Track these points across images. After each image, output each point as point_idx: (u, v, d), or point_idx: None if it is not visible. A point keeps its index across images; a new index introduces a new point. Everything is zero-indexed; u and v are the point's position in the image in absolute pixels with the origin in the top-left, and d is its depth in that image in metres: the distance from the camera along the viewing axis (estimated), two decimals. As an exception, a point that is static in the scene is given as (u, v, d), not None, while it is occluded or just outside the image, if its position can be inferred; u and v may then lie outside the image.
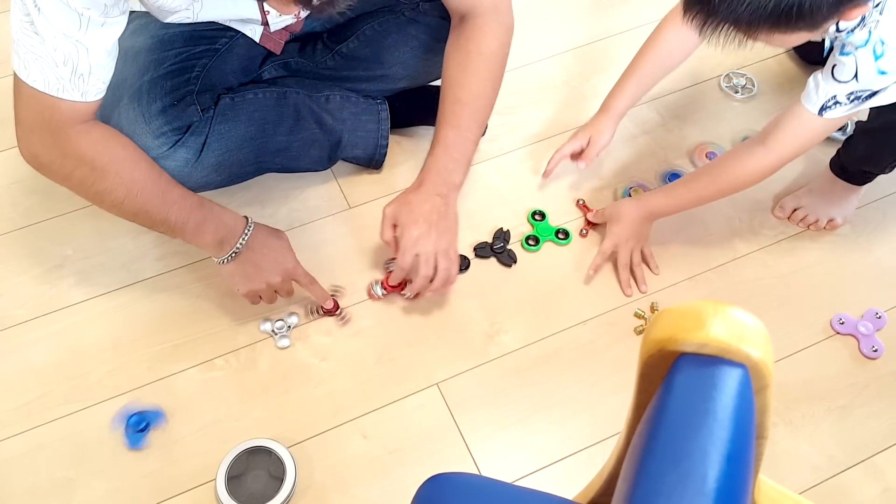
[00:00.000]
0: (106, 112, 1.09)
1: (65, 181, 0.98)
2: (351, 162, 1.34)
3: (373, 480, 1.07)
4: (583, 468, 1.09)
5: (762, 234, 1.31)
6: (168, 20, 1.03)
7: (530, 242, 1.28)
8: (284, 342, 1.16)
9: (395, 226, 1.10)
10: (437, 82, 1.34)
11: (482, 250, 1.27)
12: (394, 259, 1.24)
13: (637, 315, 1.21)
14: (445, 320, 1.21)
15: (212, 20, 1.08)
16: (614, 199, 1.34)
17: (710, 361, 0.38)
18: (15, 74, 0.90)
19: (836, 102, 1.00)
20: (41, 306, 1.19)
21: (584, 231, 1.30)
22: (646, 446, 0.36)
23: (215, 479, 1.02)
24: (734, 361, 0.38)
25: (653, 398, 0.40)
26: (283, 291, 1.13)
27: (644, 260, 1.26)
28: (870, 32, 0.93)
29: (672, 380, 0.38)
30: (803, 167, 1.37)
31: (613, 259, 1.25)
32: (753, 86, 1.49)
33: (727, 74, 1.50)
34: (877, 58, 0.94)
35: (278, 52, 1.27)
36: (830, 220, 1.30)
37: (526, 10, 1.57)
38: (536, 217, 1.30)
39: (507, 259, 1.26)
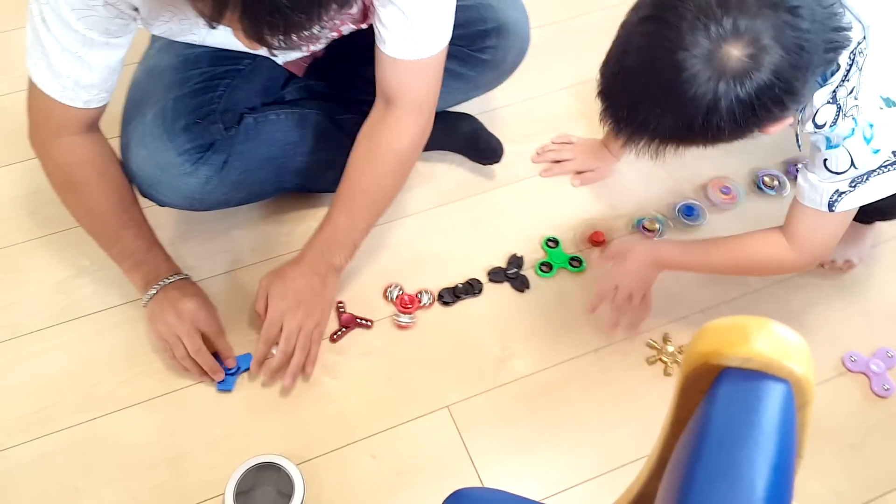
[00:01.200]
0: (130, 127, 1.11)
1: (46, 175, 1.07)
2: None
3: (380, 501, 1.07)
4: (592, 498, 1.08)
5: (774, 270, 1.32)
6: (178, 39, 1.05)
7: (544, 269, 1.29)
8: None
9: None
10: (457, 108, 1.38)
11: (496, 275, 1.27)
12: (392, 285, 1.24)
13: (650, 345, 1.22)
14: (457, 343, 1.21)
15: (221, 46, 1.09)
16: (628, 230, 1.35)
17: (754, 376, 0.39)
18: (29, 73, 0.96)
19: (841, 194, 0.97)
20: (56, 315, 1.20)
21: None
22: (693, 456, 0.36)
23: (223, 494, 1.02)
24: (777, 377, 0.39)
25: (693, 413, 0.41)
26: (185, 342, 1.09)
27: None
28: (854, 120, 0.91)
29: (717, 392, 0.39)
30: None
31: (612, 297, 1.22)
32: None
33: None
34: (868, 141, 0.92)
35: (301, 75, 1.29)
36: (847, 261, 1.30)
37: (543, 41, 1.59)
38: (550, 244, 1.31)
39: (520, 284, 1.27)
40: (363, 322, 1.21)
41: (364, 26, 1.10)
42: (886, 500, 1.10)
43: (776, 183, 1.42)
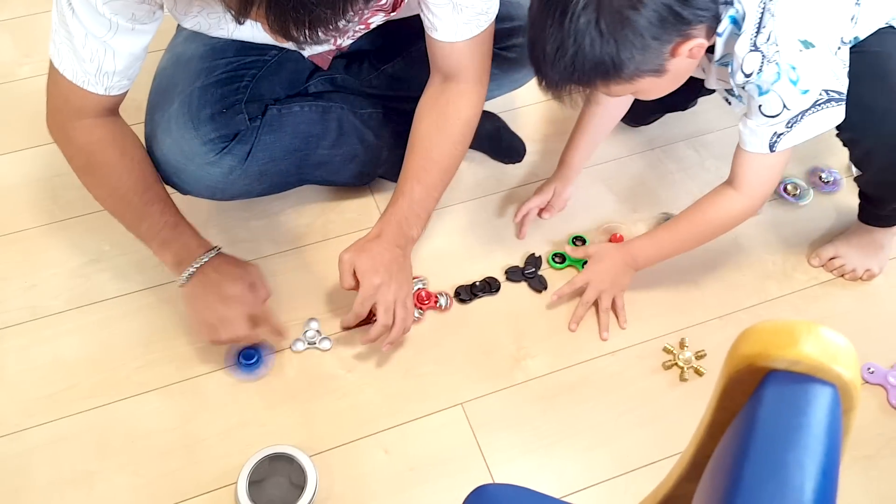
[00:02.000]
0: (156, 115, 1.11)
1: (68, 161, 1.06)
2: (388, 179, 1.35)
3: (392, 496, 1.07)
4: (605, 500, 1.08)
5: (794, 279, 1.31)
6: (208, 34, 1.05)
7: (556, 260, 1.28)
8: (326, 344, 1.18)
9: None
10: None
11: (514, 274, 1.27)
12: (417, 278, 1.24)
13: (666, 350, 1.21)
14: (473, 341, 1.21)
15: (249, 40, 1.09)
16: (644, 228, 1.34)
17: (802, 379, 0.39)
18: (50, 58, 0.97)
19: (780, 135, 1.02)
20: (75, 299, 1.20)
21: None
22: (740, 458, 0.36)
23: (236, 483, 1.02)
24: (825, 380, 0.38)
25: (735, 415, 0.41)
26: (234, 326, 1.06)
27: (614, 309, 1.23)
28: (777, 65, 0.94)
29: (764, 394, 0.39)
30: (836, 215, 1.38)
31: (582, 294, 1.23)
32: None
33: None
34: (795, 83, 0.96)
35: (325, 68, 1.29)
36: (867, 270, 1.30)
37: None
38: (577, 242, 1.31)
39: (538, 284, 1.27)
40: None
41: (394, 15, 1.10)
42: (901, 513, 1.10)
43: (798, 191, 1.41)
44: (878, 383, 1.20)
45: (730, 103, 1.18)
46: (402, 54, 1.29)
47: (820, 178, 1.44)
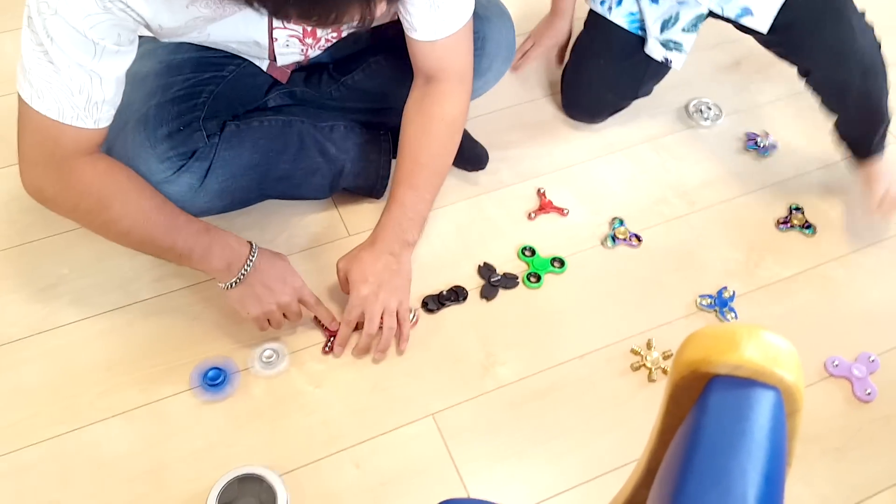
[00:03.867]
0: (111, 136, 1.09)
1: (71, 213, 0.99)
2: (352, 191, 1.34)
3: (365, 512, 1.06)
4: (578, 504, 1.08)
5: (757, 276, 1.32)
6: (176, 39, 1.04)
7: (532, 279, 1.28)
8: (273, 371, 1.16)
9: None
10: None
11: (489, 292, 1.26)
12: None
13: (634, 352, 1.22)
14: (442, 351, 1.20)
15: (222, 40, 1.09)
16: (610, 231, 1.34)
17: (744, 383, 0.39)
18: (22, 104, 0.90)
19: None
20: (34, 325, 1.18)
21: (533, 215, 1.36)
22: (684, 466, 0.36)
23: (206, 506, 1.00)
24: (767, 384, 0.38)
25: (683, 421, 0.41)
26: (291, 313, 1.12)
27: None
28: None
29: (707, 400, 0.39)
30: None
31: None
32: (720, 112, 1.54)
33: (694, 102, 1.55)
34: None
35: (284, 81, 1.28)
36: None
37: (527, 49, 1.59)
38: (527, 253, 1.31)
39: (510, 283, 1.27)
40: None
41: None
42: (870, 503, 1.11)
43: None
44: (842, 376, 1.22)
45: (669, 62, 1.24)
46: (361, 65, 1.28)
47: (756, 142, 1.49)
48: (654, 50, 1.37)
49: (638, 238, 1.34)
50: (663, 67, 1.41)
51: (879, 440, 1.16)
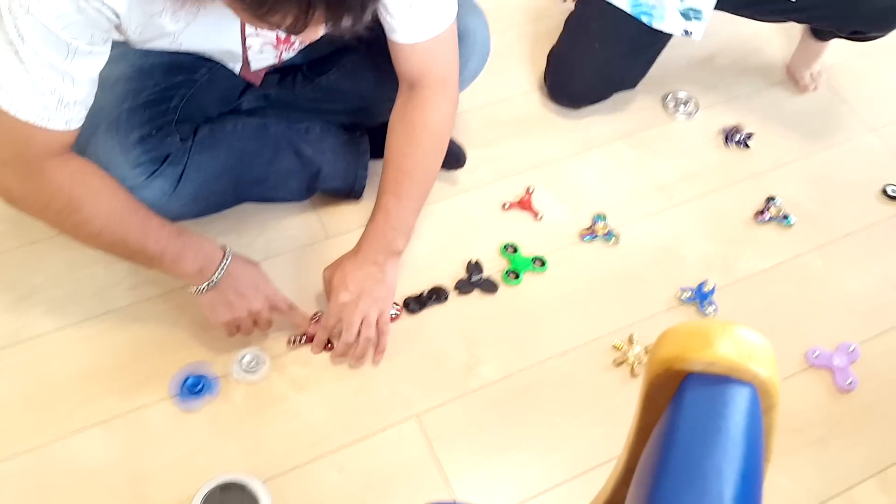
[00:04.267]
0: (81, 141, 1.08)
1: (40, 213, 0.97)
2: (330, 193, 1.33)
3: (350, 516, 1.05)
4: (564, 501, 1.08)
5: (737, 268, 1.33)
6: (147, 46, 1.02)
7: (511, 276, 1.28)
8: (254, 376, 1.15)
9: None
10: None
11: (465, 285, 1.26)
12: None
13: (615, 347, 1.22)
14: (425, 351, 1.20)
15: (194, 49, 1.08)
16: (590, 224, 1.34)
17: (719, 380, 0.38)
18: None
19: None
20: (9, 336, 1.16)
21: (507, 206, 1.36)
22: (659, 466, 0.35)
23: (187, 515, 0.99)
24: (742, 380, 0.38)
25: (659, 419, 0.40)
26: (261, 320, 1.11)
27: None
28: None
29: (682, 398, 0.38)
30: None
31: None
32: (697, 106, 1.55)
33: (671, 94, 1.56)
34: None
35: (258, 84, 1.27)
36: (817, 73, 1.57)
37: (503, 47, 1.59)
38: (509, 250, 1.31)
39: (491, 287, 1.26)
40: (328, 346, 1.18)
41: None
42: (854, 493, 1.12)
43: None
44: (823, 366, 1.22)
45: (689, 33, 1.25)
46: (336, 66, 1.27)
47: (732, 135, 1.50)
48: (673, 23, 1.36)
49: (614, 234, 1.34)
50: (656, 54, 1.40)
51: (861, 429, 1.17)
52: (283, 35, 1.05)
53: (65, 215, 0.96)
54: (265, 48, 1.10)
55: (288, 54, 1.16)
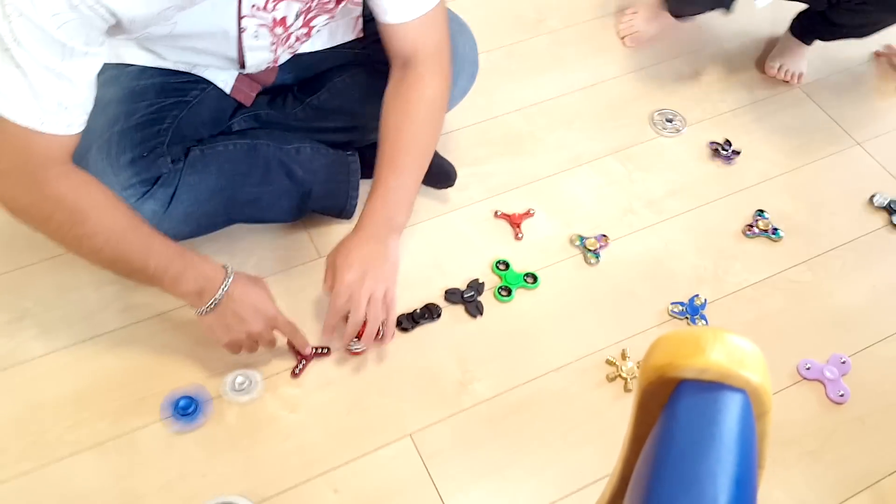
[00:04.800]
0: (74, 161, 1.08)
1: (43, 224, 0.95)
2: (321, 213, 1.33)
3: (345, 536, 1.04)
4: (559, 518, 1.07)
5: (727, 282, 1.34)
6: (143, 34, 1.01)
7: (502, 293, 1.28)
8: (246, 397, 1.14)
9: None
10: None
11: (452, 295, 1.27)
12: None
13: (609, 362, 1.22)
14: (418, 369, 1.19)
15: (190, 32, 1.07)
16: (574, 245, 1.35)
17: (711, 387, 0.38)
18: None
19: None
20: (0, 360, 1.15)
21: (499, 214, 1.38)
22: (654, 473, 0.36)
23: (181, 539, 0.98)
24: (734, 387, 0.38)
25: (653, 428, 0.40)
26: (264, 341, 1.11)
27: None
28: None
29: (675, 406, 0.39)
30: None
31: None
32: (684, 122, 1.56)
33: (659, 112, 1.58)
34: None
35: (248, 105, 1.27)
36: (799, 74, 1.65)
37: (491, 65, 1.61)
38: (500, 266, 1.31)
39: (474, 310, 1.26)
40: (321, 351, 1.19)
41: (336, 15, 1.12)
42: (848, 505, 1.12)
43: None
44: (815, 378, 1.23)
45: None
46: (326, 85, 1.28)
47: (720, 150, 1.52)
48: None
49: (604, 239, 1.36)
50: None
51: (854, 441, 1.17)
52: (279, 16, 1.05)
53: (67, 228, 0.95)
54: (260, 31, 1.08)
55: (283, 53, 1.16)
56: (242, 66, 1.12)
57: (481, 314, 1.26)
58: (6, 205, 0.94)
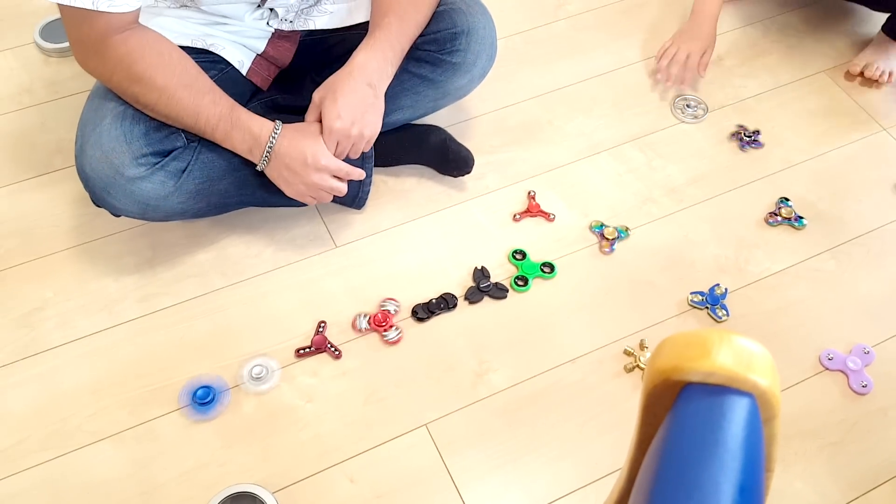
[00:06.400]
0: (87, 129, 1.09)
1: (108, 82, 1.08)
2: (333, 202, 1.33)
3: (361, 526, 1.04)
4: (575, 510, 1.07)
5: (748, 272, 1.31)
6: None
7: (519, 283, 1.27)
8: (264, 386, 1.15)
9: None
10: (426, 120, 1.37)
11: (473, 295, 1.25)
12: (389, 299, 1.23)
13: (626, 353, 1.21)
14: (434, 360, 1.19)
15: None
16: (590, 229, 1.34)
17: (717, 391, 0.37)
18: (60, 7, 0.98)
19: None
20: (20, 350, 1.16)
21: (518, 217, 1.35)
22: (655, 480, 0.35)
23: (198, 527, 0.99)
24: (741, 391, 0.37)
25: (658, 430, 0.39)
26: (326, 187, 1.15)
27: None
28: None
29: (679, 410, 0.38)
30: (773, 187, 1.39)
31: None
32: (706, 108, 1.54)
33: (682, 97, 1.55)
34: None
35: (265, 88, 1.27)
36: (892, 73, 1.59)
37: (510, 51, 1.59)
38: (517, 256, 1.30)
39: (499, 293, 1.26)
40: (332, 350, 1.18)
41: None
42: (870, 497, 1.10)
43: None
44: (838, 369, 1.21)
45: None
46: (342, 65, 1.27)
47: (742, 136, 1.49)
48: None
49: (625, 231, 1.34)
50: None
51: (877, 432, 1.15)
52: None
53: (125, 86, 1.06)
54: None
55: (304, 22, 1.17)
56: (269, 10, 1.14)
57: (507, 292, 1.26)
58: (83, 67, 1.07)
